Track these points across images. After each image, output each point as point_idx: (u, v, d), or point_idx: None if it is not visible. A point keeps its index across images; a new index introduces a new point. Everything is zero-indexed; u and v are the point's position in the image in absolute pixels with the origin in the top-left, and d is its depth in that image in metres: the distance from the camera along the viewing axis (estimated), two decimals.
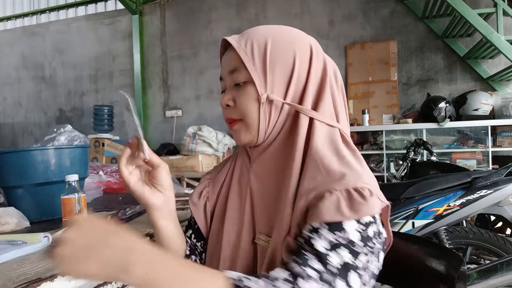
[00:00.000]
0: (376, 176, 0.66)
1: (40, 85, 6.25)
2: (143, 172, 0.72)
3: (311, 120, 0.66)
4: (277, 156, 0.69)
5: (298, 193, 0.62)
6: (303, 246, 0.56)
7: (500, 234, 2.02)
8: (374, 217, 0.57)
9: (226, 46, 0.73)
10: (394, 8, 4.40)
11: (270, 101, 0.67)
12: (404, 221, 1.97)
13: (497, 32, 3.35)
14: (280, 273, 0.53)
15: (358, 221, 0.55)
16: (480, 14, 3.43)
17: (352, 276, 0.53)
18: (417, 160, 2.75)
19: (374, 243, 0.57)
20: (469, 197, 1.93)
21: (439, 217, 1.95)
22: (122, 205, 1.37)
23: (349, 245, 0.54)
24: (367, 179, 0.59)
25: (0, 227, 0.98)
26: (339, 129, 0.67)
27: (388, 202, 0.60)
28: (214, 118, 5.10)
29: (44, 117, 6.25)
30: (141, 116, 5.51)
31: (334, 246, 0.54)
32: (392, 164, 3.86)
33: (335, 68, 0.72)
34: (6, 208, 1.07)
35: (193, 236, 0.80)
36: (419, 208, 1.96)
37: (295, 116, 0.68)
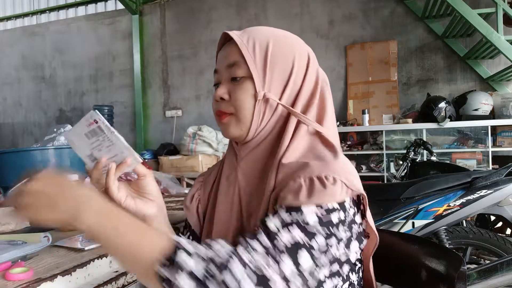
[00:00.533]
0: (376, 176, 0.68)
1: (40, 85, 6.25)
2: (127, 185, 0.72)
3: (298, 123, 0.68)
4: (264, 155, 0.70)
5: (274, 190, 0.63)
6: (257, 226, 0.56)
7: (500, 234, 2.02)
8: (341, 205, 0.57)
9: (225, 40, 0.73)
10: (394, 8, 4.40)
11: (266, 100, 0.67)
12: (404, 221, 1.97)
13: (497, 32, 3.35)
14: (221, 241, 0.54)
15: (319, 206, 0.55)
16: (480, 14, 3.43)
17: (303, 255, 0.52)
18: (417, 160, 2.75)
19: (338, 230, 0.56)
20: (469, 197, 1.93)
21: (439, 217, 1.95)
22: None
23: (304, 226, 0.53)
24: (335, 168, 0.59)
25: (0, 227, 0.98)
26: (323, 134, 0.68)
27: (361, 191, 0.59)
28: (214, 118, 5.08)
29: (44, 117, 6.25)
30: (141, 116, 5.51)
31: (286, 225, 0.54)
32: (392, 164, 3.86)
33: (326, 78, 0.74)
34: (6, 208, 1.07)
35: (191, 238, 0.80)
36: (419, 208, 1.97)
37: (286, 118, 0.69)
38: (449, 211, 1.94)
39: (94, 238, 0.54)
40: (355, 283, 0.65)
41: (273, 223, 0.54)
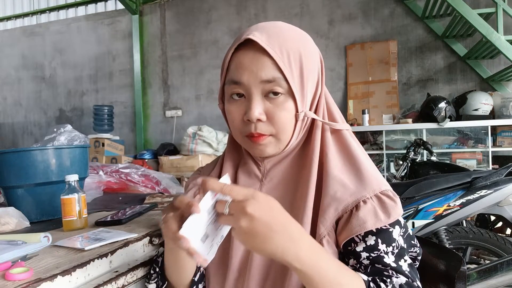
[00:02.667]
0: None
1: (40, 85, 6.25)
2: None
3: (323, 128, 0.68)
4: (292, 166, 0.70)
5: (321, 204, 0.64)
6: (377, 266, 0.60)
7: (500, 234, 2.02)
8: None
9: (244, 42, 0.64)
10: (394, 8, 4.40)
11: (304, 116, 0.66)
12: (404, 221, 1.97)
13: (497, 32, 3.35)
14: (399, 280, 0.58)
15: (400, 225, 0.64)
16: (480, 14, 3.43)
17: (415, 270, 0.64)
18: (417, 160, 2.75)
19: (410, 235, 0.69)
20: (469, 197, 1.93)
21: (439, 217, 1.95)
22: (122, 205, 1.37)
23: (404, 250, 0.63)
24: (382, 178, 0.65)
25: (0, 227, 0.98)
26: (347, 130, 0.71)
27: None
28: (214, 118, 5.10)
29: (44, 117, 6.25)
30: (141, 116, 5.52)
31: (398, 257, 0.61)
32: (392, 164, 3.86)
33: None
34: (6, 208, 1.06)
35: None
36: (419, 208, 1.96)
37: (310, 126, 0.70)
38: (449, 211, 1.94)
39: (302, 274, 0.53)
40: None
41: (391, 261, 0.60)
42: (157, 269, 0.75)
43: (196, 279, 0.72)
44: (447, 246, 1.90)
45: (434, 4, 3.83)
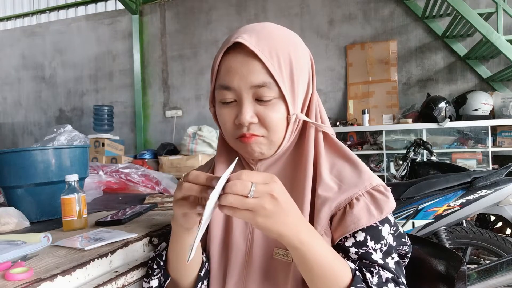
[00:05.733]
0: None
1: (40, 85, 6.25)
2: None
3: (316, 128, 0.69)
4: (286, 167, 0.70)
5: (315, 204, 0.65)
6: (365, 261, 0.63)
7: (500, 234, 2.02)
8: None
9: (233, 45, 0.63)
10: (394, 8, 4.40)
11: (295, 119, 0.66)
12: (404, 221, 1.97)
13: (497, 32, 3.35)
14: (385, 274, 0.62)
15: (390, 224, 0.65)
16: (480, 14, 3.43)
17: (402, 267, 0.66)
18: (417, 160, 2.75)
19: (401, 233, 0.70)
20: (469, 197, 1.93)
21: (439, 217, 1.95)
22: (122, 205, 1.37)
23: (392, 248, 0.65)
24: (373, 174, 0.66)
25: (0, 227, 0.98)
26: (331, 134, 0.71)
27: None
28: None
29: (44, 117, 6.25)
30: (141, 116, 5.51)
31: (386, 254, 0.64)
32: (392, 164, 3.86)
33: None
34: (6, 208, 1.06)
35: None
36: (419, 208, 1.97)
37: (302, 128, 0.70)
38: (449, 211, 1.94)
39: (300, 253, 0.55)
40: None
41: (378, 257, 0.62)
42: (161, 263, 0.73)
43: (202, 274, 0.71)
44: (447, 246, 1.90)
45: (434, 4, 3.83)
